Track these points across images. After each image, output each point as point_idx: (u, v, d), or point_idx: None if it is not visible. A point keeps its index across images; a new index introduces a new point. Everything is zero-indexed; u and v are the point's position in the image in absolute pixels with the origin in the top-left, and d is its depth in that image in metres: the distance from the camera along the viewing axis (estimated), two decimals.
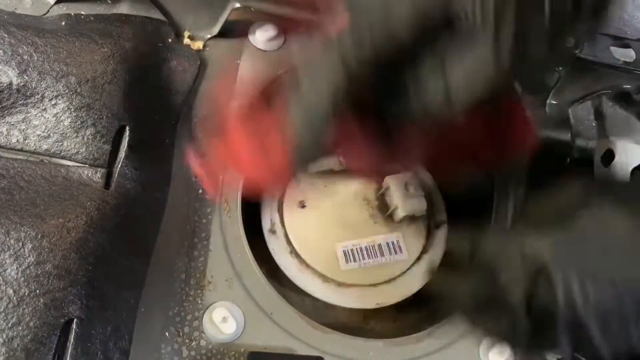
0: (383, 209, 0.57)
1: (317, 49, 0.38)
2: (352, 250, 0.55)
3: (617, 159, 0.56)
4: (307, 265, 0.54)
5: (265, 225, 0.55)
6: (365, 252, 0.55)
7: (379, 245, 0.55)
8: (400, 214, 0.55)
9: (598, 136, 0.58)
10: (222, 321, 0.49)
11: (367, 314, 0.58)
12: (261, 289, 0.51)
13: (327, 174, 0.57)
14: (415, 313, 0.58)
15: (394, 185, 0.55)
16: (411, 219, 0.56)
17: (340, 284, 0.54)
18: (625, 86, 0.58)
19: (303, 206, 0.56)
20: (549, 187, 0.43)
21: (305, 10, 0.55)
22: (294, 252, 0.54)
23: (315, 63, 0.38)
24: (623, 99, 0.59)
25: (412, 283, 0.55)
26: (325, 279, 0.54)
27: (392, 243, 0.56)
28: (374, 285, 0.55)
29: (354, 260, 0.55)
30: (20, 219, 0.41)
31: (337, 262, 0.54)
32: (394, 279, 0.55)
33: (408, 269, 0.55)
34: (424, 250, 0.56)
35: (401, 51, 0.36)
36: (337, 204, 0.57)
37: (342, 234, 0.55)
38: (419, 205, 0.55)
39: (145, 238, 0.48)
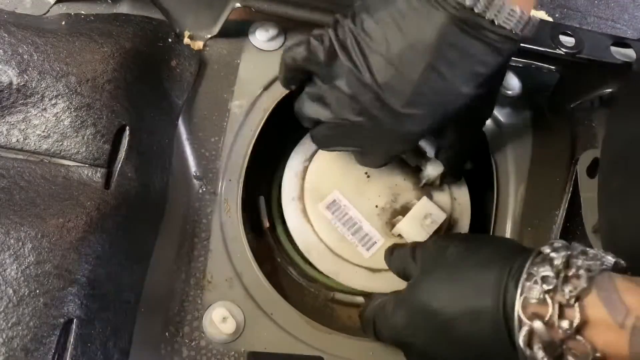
0: (394, 214, 0.56)
1: None
2: (340, 205, 0.56)
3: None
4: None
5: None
6: (345, 218, 0.55)
7: (359, 228, 0.55)
8: (398, 229, 0.55)
9: (585, 144, 0.58)
10: (222, 321, 0.49)
11: None
12: (261, 289, 0.51)
13: None
14: None
15: (420, 205, 0.55)
16: (405, 242, 0.55)
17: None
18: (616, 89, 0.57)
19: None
20: None
21: (305, 10, 0.55)
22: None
23: None
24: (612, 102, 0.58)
25: None
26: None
27: (370, 239, 0.55)
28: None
29: (333, 212, 0.55)
30: (20, 219, 0.41)
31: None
32: None
33: None
34: (384, 270, 0.55)
35: None
36: (373, 174, 0.57)
37: (349, 191, 0.56)
38: (419, 237, 0.54)
39: (145, 238, 0.48)
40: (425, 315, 0.43)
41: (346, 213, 0.56)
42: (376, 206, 0.56)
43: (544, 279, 0.37)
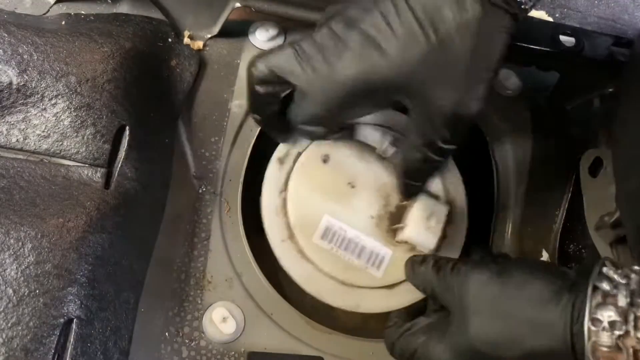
0: (393, 218, 0.53)
1: None
2: (335, 230, 0.51)
3: (605, 168, 0.55)
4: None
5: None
6: (345, 242, 0.51)
7: (362, 248, 0.51)
8: (403, 235, 0.51)
9: (585, 144, 0.58)
10: (222, 321, 0.49)
11: (368, 315, 0.57)
12: (261, 289, 0.51)
13: (370, 151, 0.54)
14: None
15: (419, 206, 0.51)
16: (412, 247, 0.52)
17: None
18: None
19: (325, 161, 0.53)
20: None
21: (305, 10, 0.54)
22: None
23: None
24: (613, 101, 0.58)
25: None
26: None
27: (377, 256, 0.52)
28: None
29: (330, 240, 0.51)
30: (20, 219, 0.41)
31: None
32: None
33: None
34: (400, 282, 0.52)
35: None
36: (357, 182, 0.53)
37: (338, 210, 0.52)
38: (427, 241, 0.51)
39: (145, 238, 0.48)
40: (479, 358, 0.42)
41: (344, 237, 0.51)
42: (371, 217, 0.52)
43: (612, 325, 0.37)
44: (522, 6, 0.42)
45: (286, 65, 0.44)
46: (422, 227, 0.51)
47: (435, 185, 0.55)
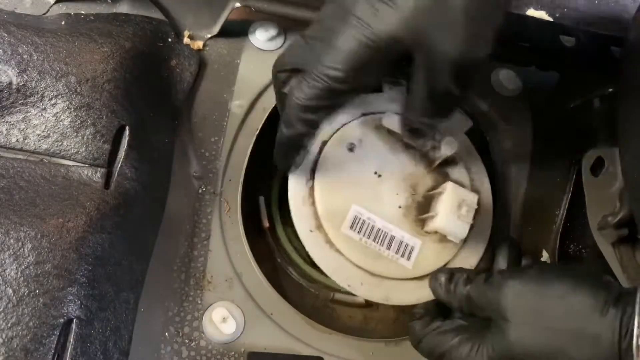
0: (421, 208, 0.52)
1: None
2: (363, 219, 0.50)
3: (607, 168, 0.55)
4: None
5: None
6: (373, 233, 0.50)
7: (392, 238, 0.51)
8: (434, 225, 0.50)
9: (585, 144, 0.57)
10: (222, 321, 0.49)
11: (368, 315, 0.58)
12: (261, 289, 0.51)
13: (397, 140, 0.53)
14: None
15: (449, 194, 0.50)
16: (441, 237, 0.51)
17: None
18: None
19: (351, 149, 0.52)
20: None
21: (305, 10, 0.54)
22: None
23: None
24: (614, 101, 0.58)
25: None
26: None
27: (406, 246, 0.51)
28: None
29: (359, 231, 0.50)
30: (20, 219, 0.41)
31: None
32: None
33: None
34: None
35: None
36: (384, 171, 0.52)
37: (366, 200, 0.51)
38: (459, 230, 0.50)
39: (145, 238, 0.48)
40: None
41: (373, 226, 0.50)
42: (399, 207, 0.52)
43: None
44: None
45: (298, 54, 0.43)
46: (453, 216, 0.50)
47: (461, 174, 0.55)
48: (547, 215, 0.58)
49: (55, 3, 0.53)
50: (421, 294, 0.51)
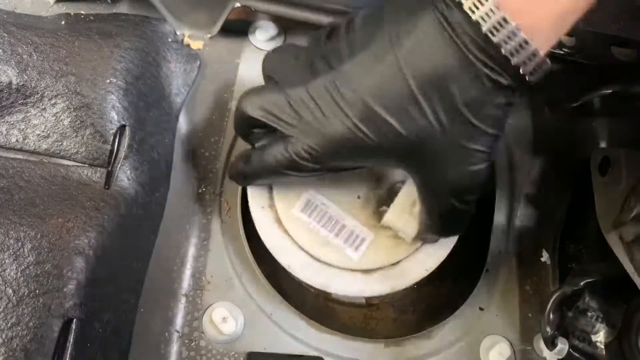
0: (381, 201, 0.50)
1: None
2: (316, 204, 0.49)
3: (612, 167, 0.54)
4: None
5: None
6: (324, 219, 0.49)
7: (342, 227, 0.49)
8: (385, 219, 0.48)
9: (585, 144, 0.57)
10: (222, 321, 0.49)
11: (368, 315, 0.58)
12: (261, 289, 0.51)
13: None
14: (416, 313, 0.58)
15: (405, 189, 0.48)
16: (394, 235, 0.49)
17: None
18: (622, 88, 0.57)
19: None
20: None
21: (305, 10, 0.54)
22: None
23: None
24: (620, 101, 0.58)
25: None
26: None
27: (357, 237, 0.49)
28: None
29: (309, 214, 0.49)
30: (20, 219, 0.41)
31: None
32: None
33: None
34: (378, 269, 0.49)
35: None
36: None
37: (325, 185, 0.49)
38: (408, 227, 0.48)
39: (145, 238, 0.48)
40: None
41: (325, 212, 0.49)
42: (358, 197, 0.50)
43: None
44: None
45: (278, 112, 0.42)
46: (404, 212, 0.48)
47: None
48: (547, 215, 0.58)
49: (55, 3, 0.53)
50: (365, 288, 0.49)
